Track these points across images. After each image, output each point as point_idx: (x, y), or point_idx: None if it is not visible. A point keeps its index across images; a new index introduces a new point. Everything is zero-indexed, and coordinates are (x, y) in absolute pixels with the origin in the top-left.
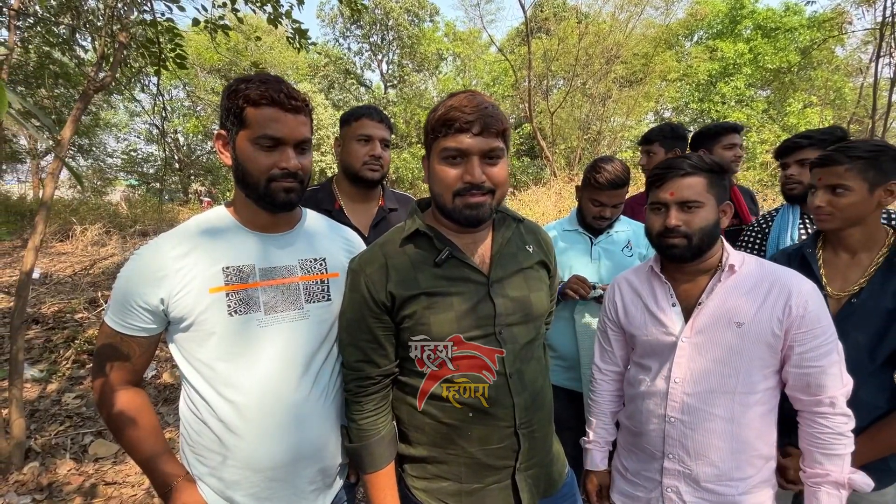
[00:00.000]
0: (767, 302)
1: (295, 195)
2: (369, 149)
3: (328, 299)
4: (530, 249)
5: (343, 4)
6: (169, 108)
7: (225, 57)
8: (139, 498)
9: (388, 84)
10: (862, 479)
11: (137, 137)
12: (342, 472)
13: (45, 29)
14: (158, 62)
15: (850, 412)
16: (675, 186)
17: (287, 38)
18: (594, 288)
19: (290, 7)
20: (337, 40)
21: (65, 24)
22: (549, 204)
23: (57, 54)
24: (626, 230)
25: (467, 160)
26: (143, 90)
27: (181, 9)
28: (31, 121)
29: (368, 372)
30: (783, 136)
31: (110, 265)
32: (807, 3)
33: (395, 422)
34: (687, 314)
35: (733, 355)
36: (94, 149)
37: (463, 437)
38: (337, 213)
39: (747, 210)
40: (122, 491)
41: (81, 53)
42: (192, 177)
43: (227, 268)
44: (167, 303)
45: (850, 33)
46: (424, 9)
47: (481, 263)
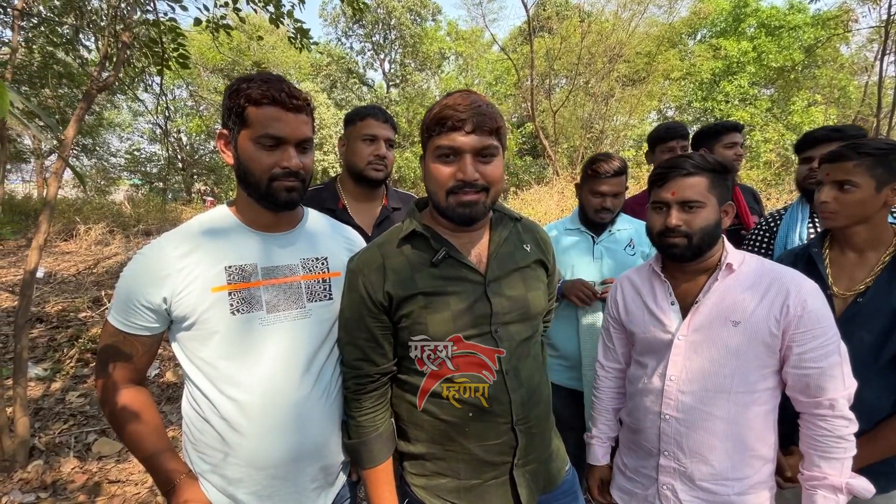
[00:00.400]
0: (765, 301)
1: (296, 194)
2: (374, 148)
3: (330, 298)
4: (528, 248)
5: (345, 4)
6: (172, 108)
7: (227, 56)
8: (142, 496)
9: (391, 83)
10: (861, 485)
11: (141, 137)
12: (344, 469)
13: (49, 29)
14: (161, 62)
15: (851, 415)
16: (677, 186)
17: (289, 38)
18: (597, 286)
19: (292, 6)
20: (339, 39)
21: (68, 24)
22: (552, 203)
23: (60, 54)
24: (628, 228)
25: (460, 158)
26: (146, 90)
27: (184, 8)
28: (35, 121)
29: (367, 370)
30: (787, 134)
31: (114, 264)
32: (811, 0)
33: (393, 419)
34: (685, 313)
35: (730, 354)
36: (97, 148)
37: (461, 434)
38: (341, 213)
39: (748, 210)
40: (125, 489)
41: (85, 53)
42: (195, 176)
43: (230, 267)
44: (170, 302)
45: (855, 31)
46: (427, 8)
47: (478, 263)
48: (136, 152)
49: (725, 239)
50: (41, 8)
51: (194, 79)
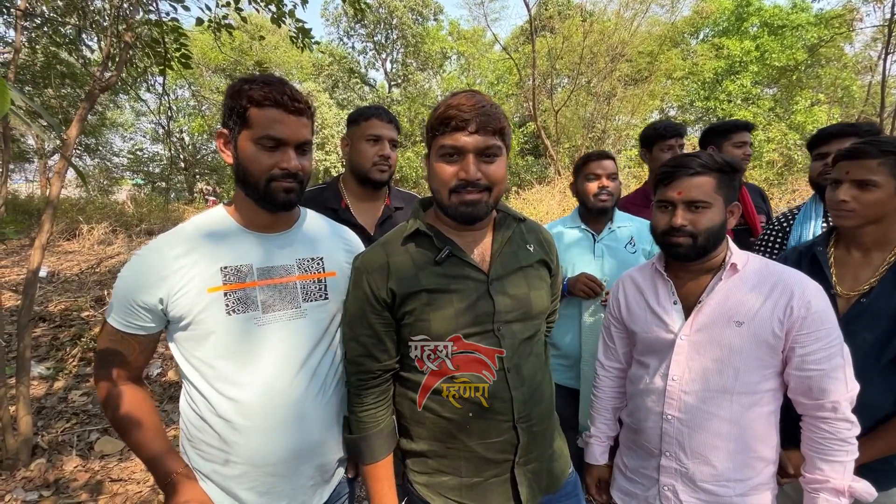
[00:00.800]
0: (769, 301)
1: (294, 195)
2: (378, 149)
3: (325, 298)
4: (531, 248)
5: (347, 4)
6: (174, 108)
7: (229, 56)
8: (144, 495)
9: (392, 83)
10: (863, 488)
11: (143, 137)
12: (340, 466)
13: (52, 29)
14: (163, 62)
15: (853, 418)
16: (684, 185)
17: (290, 38)
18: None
19: (294, 6)
20: (341, 39)
21: (71, 25)
22: (553, 203)
23: (63, 54)
24: (629, 226)
25: (463, 158)
26: (148, 90)
27: (186, 8)
28: (38, 120)
29: (369, 366)
30: (790, 134)
31: (116, 264)
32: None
33: (394, 416)
34: (688, 313)
35: (732, 354)
36: (100, 148)
37: (462, 432)
38: (343, 212)
39: (754, 210)
40: (127, 487)
41: (87, 53)
42: (197, 176)
43: (226, 267)
44: (166, 302)
45: (858, 31)
46: (428, 7)
47: (481, 262)
48: (138, 152)
49: (730, 239)
50: (44, 8)
51: (196, 79)
